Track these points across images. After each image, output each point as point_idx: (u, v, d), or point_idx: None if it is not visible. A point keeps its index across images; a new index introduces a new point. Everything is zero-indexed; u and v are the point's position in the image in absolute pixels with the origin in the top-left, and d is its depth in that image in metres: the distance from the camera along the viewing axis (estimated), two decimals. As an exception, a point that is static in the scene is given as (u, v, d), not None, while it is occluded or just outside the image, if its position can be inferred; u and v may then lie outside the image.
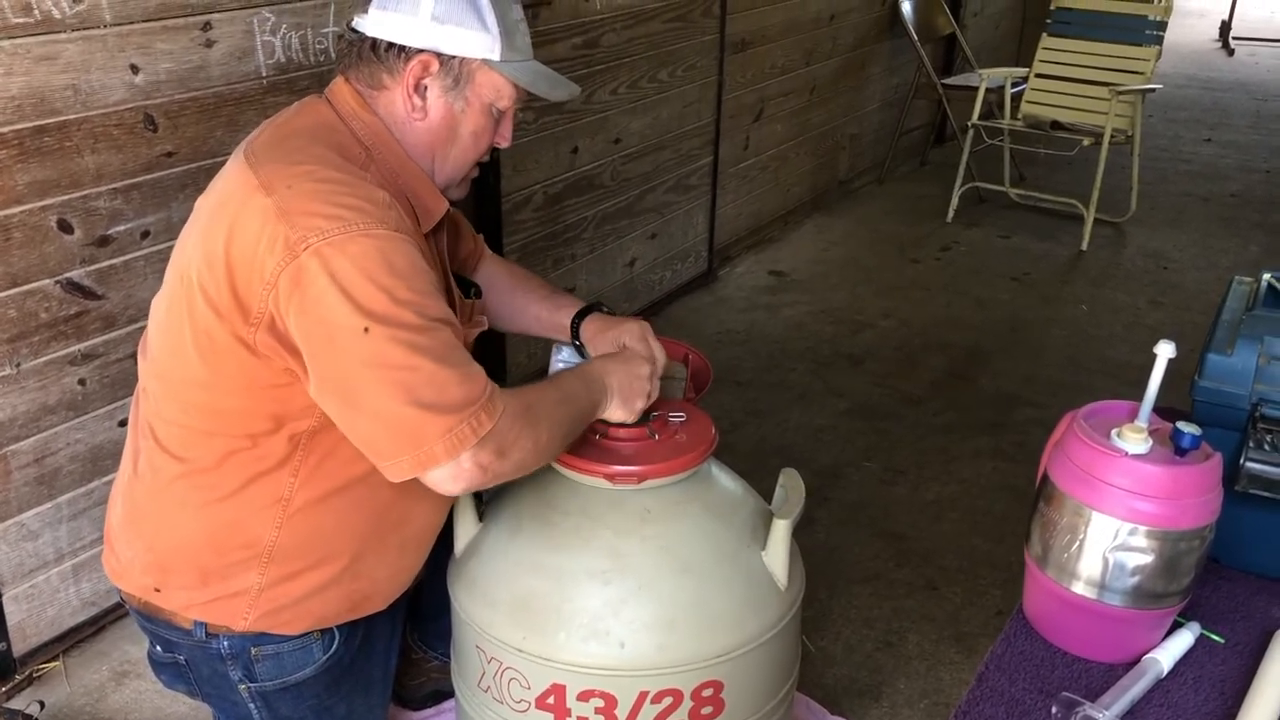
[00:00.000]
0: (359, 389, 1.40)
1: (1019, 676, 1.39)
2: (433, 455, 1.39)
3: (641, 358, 1.68)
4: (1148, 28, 5.17)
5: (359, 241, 1.38)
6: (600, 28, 3.49)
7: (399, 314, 1.37)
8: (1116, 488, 1.32)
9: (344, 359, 1.39)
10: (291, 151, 1.49)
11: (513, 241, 3.34)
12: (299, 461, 1.53)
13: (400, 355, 1.37)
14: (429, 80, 1.55)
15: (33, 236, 2.09)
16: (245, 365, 1.46)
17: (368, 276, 1.37)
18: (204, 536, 1.57)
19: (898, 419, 3.45)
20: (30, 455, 2.19)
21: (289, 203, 1.40)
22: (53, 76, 2.04)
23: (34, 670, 2.31)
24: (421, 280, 1.42)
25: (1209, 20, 10.91)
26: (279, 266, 1.38)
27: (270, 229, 1.39)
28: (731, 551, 1.61)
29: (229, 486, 1.54)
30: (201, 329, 1.47)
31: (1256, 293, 1.67)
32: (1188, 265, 4.81)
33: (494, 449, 1.42)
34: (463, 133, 1.60)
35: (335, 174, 1.45)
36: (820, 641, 2.45)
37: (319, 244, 1.37)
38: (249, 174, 1.46)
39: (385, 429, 1.40)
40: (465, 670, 1.70)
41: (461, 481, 1.42)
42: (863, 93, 5.54)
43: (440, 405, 1.38)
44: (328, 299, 1.37)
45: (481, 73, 1.56)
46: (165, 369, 1.55)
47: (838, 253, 4.90)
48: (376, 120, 1.57)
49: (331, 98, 1.60)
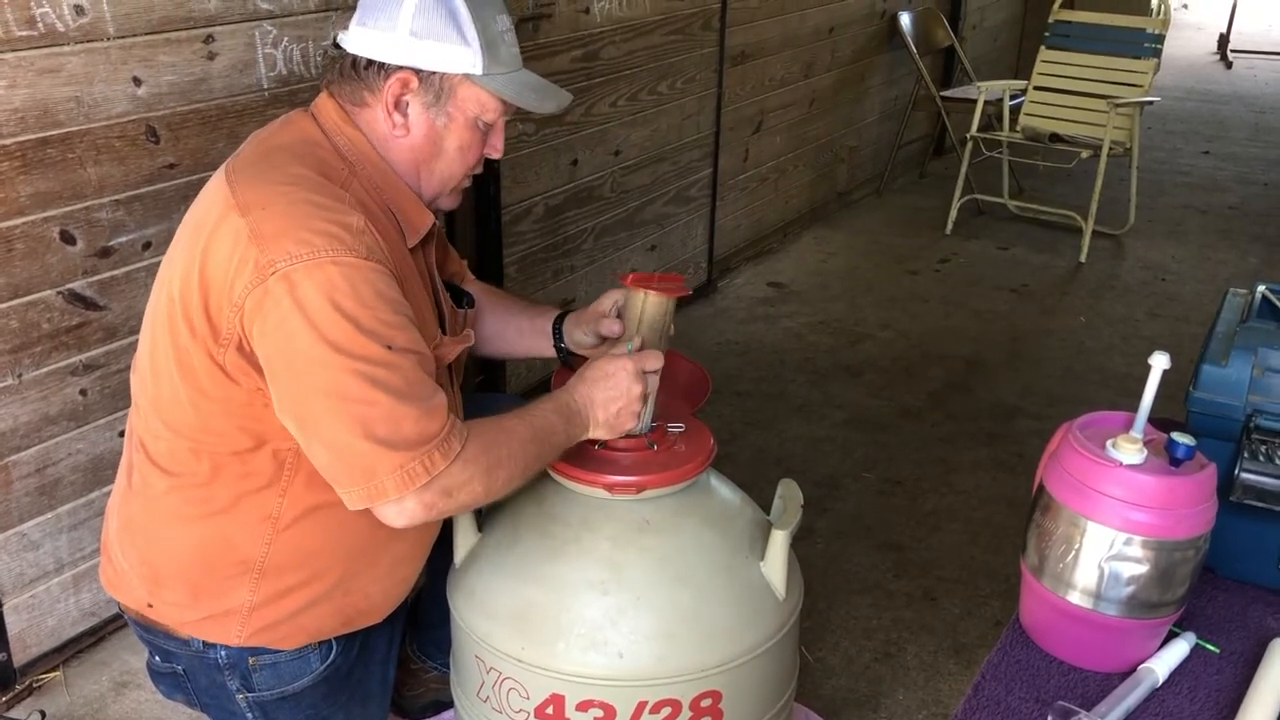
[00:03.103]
0: (316, 417, 1.39)
1: (1015, 686, 1.40)
2: (383, 490, 1.38)
3: (628, 371, 1.58)
4: (1145, 41, 5.19)
5: (327, 269, 1.36)
6: (600, 40, 3.51)
7: (362, 345, 1.36)
8: (1111, 498, 1.33)
9: (303, 386, 1.39)
10: (271, 170, 1.48)
11: (513, 253, 3.35)
12: (286, 480, 1.53)
13: (358, 388, 1.36)
14: (409, 97, 1.53)
15: (35, 247, 2.10)
16: (220, 384, 1.46)
17: (333, 305, 1.36)
18: (195, 552, 1.57)
19: (896, 430, 3.46)
20: (31, 465, 2.20)
21: (261, 225, 1.39)
22: (56, 89, 2.06)
23: (34, 680, 2.31)
24: (388, 310, 1.40)
25: (1207, 33, 10.94)
26: (247, 289, 1.38)
27: (242, 250, 1.39)
28: (730, 562, 1.62)
29: (219, 503, 1.54)
30: (181, 346, 1.47)
31: (1251, 305, 1.68)
32: (1186, 277, 4.82)
33: (441, 489, 1.41)
34: (447, 148, 1.58)
35: (312, 196, 1.43)
36: (819, 652, 2.45)
37: (286, 269, 1.36)
38: (228, 192, 1.45)
39: (339, 459, 1.40)
40: (464, 680, 1.70)
41: (404, 518, 1.42)
42: (862, 105, 5.56)
43: (394, 441, 1.37)
44: (290, 325, 1.36)
45: (464, 87, 1.53)
46: (151, 385, 1.55)
47: (837, 264, 4.91)
48: (360, 135, 1.55)
49: (316, 112, 1.58)
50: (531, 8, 3.17)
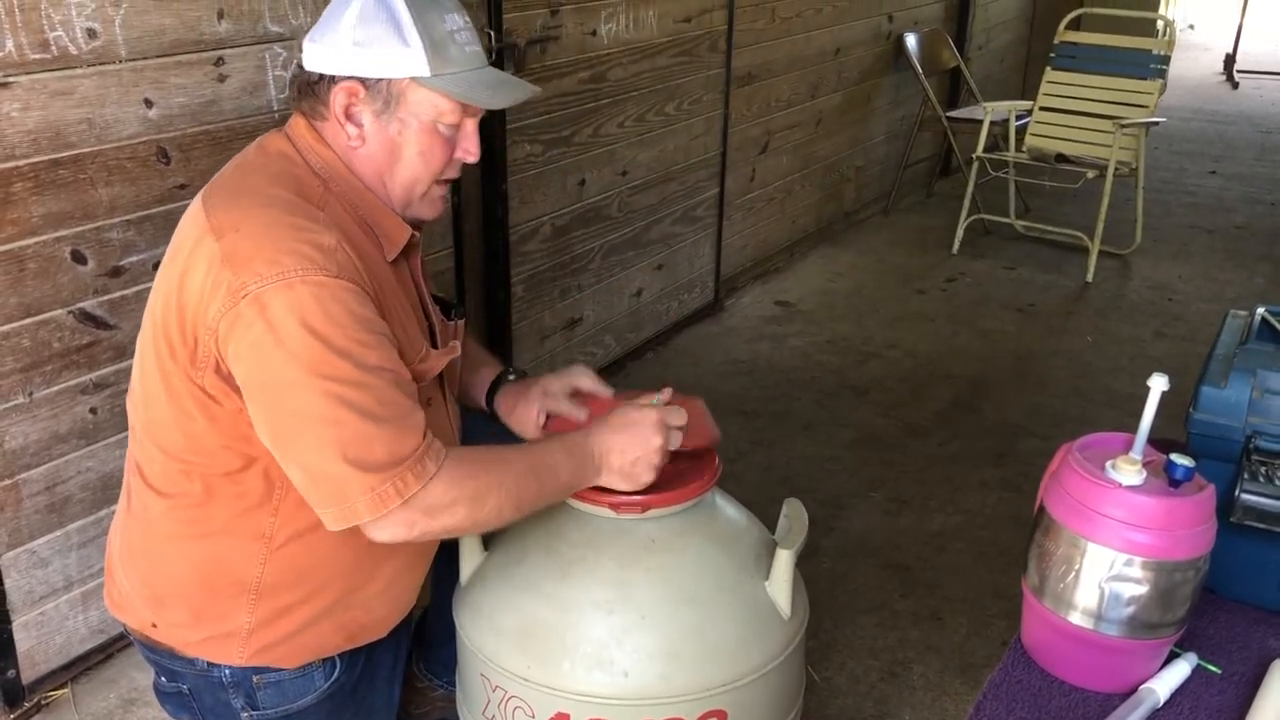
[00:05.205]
0: (289, 438, 1.40)
1: (1016, 706, 1.40)
2: (355, 512, 1.39)
3: (651, 423, 1.56)
4: (1151, 61, 5.21)
5: (297, 289, 1.36)
6: (607, 62, 3.53)
7: (332, 365, 1.36)
8: (1111, 519, 1.33)
9: (276, 407, 1.39)
10: (245, 193, 1.49)
11: (520, 273, 3.37)
12: (279, 499, 1.53)
13: (329, 409, 1.36)
14: (359, 107, 1.52)
15: (47, 267, 2.12)
16: (204, 406, 1.47)
17: (303, 325, 1.36)
18: (194, 574, 1.58)
19: (903, 449, 3.47)
20: (41, 483, 2.22)
21: (234, 247, 1.40)
22: (68, 111, 2.08)
23: (42, 697, 2.32)
24: (360, 329, 1.39)
25: (1213, 54, 10.96)
26: (220, 312, 1.39)
27: (215, 274, 1.40)
28: (735, 581, 1.63)
29: (214, 523, 1.55)
30: (166, 370, 1.48)
31: (1250, 327, 1.69)
32: (1192, 297, 4.83)
33: (421, 509, 1.41)
34: (407, 154, 1.55)
35: (285, 217, 1.43)
36: (825, 672, 2.46)
37: (257, 290, 1.37)
38: (203, 216, 1.46)
39: (312, 481, 1.41)
40: (470, 699, 1.71)
41: (386, 534, 1.42)
42: (868, 125, 5.59)
43: (365, 463, 1.37)
44: (263, 346, 1.37)
45: (412, 91, 1.51)
46: (144, 409, 1.56)
47: (844, 284, 4.92)
48: (330, 152, 1.55)
49: (290, 132, 1.58)
50: (539, 30, 3.20)
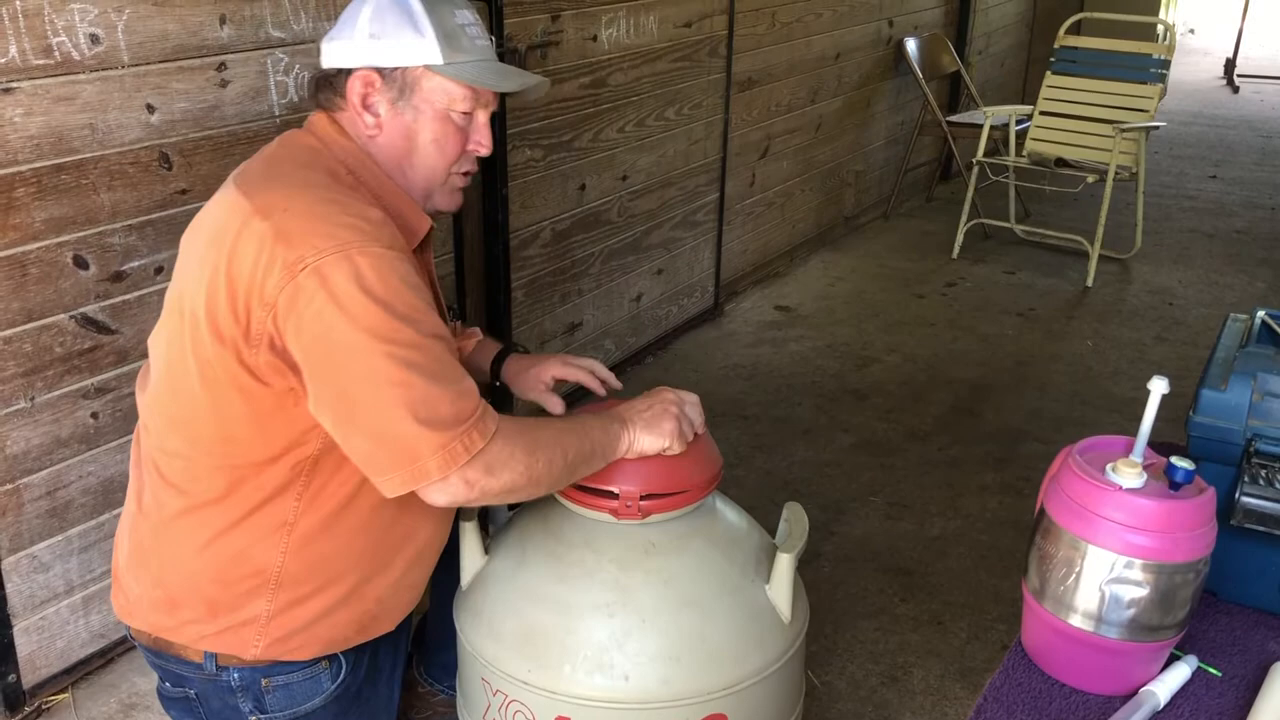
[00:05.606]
0: (355, 405, 1.42)
1: (1017, 709, 1.40)
2: (426, 471, 1.41)
3: (665, 389, 1.69)
4: (1151, 66, 5.22)
5: (355, 259, 1.40)
6: (608, 67, 3.54)
7: (395, 329, 1.40)
8: (1111, 521, 1.33)
9: (340, 375, 1.42)
10: (280, 178, 1.53)
11: (520, 277, 3.38)
12: (302, 486, 1.55)
13: (395, 371, 1.40)
14: (375, 96, 1.58)
15: (49, 272, 2.13)
16: (248, 392, 1.48)
17: (364, 292, 1.39)
18: (211, 569, 1.58)
19: (903, 454, 3.47)
20: (43, 488, 2.22)
21: (286, 225, 1.43)
22: (71, 116, 2.09)
23: (43, 702, 2.32)
24: (415, 296, 1.44)
25: (1214, 58, 10.98)
26: (278, 287, 1.41)
27: (268, 252, 1.42)
28: (735, 585, 1.63)
29: (234, 516, 1.56)
30: (205, 359, 1.49)
31: (1250, 330, 1.69)
32: (1193, 301, 4.83)
33: (483, 466, 1.44)
34: (421, 142, 1.61)
35: (329, 194, 1.49)
36: (825, 676, 2.46)
37: (316, 262, 1.40)
38: (243, 201, 1.48)
39: (380, 445, 1.43)
40: (471, 703, 1.71)
41: (447, 495, 1.45)
42: (868, 130, 5.59)
43: (434, 421, 1.40)
44: (325, 316, 1.40)
45: (425, 79, 1.57)
46: (169, 403, 1.57)
47: (843, 288, 4.93)
48: (352, 143, 1.60)
49: (311, 128, 1.63)
50: (540, 35, 3.21)
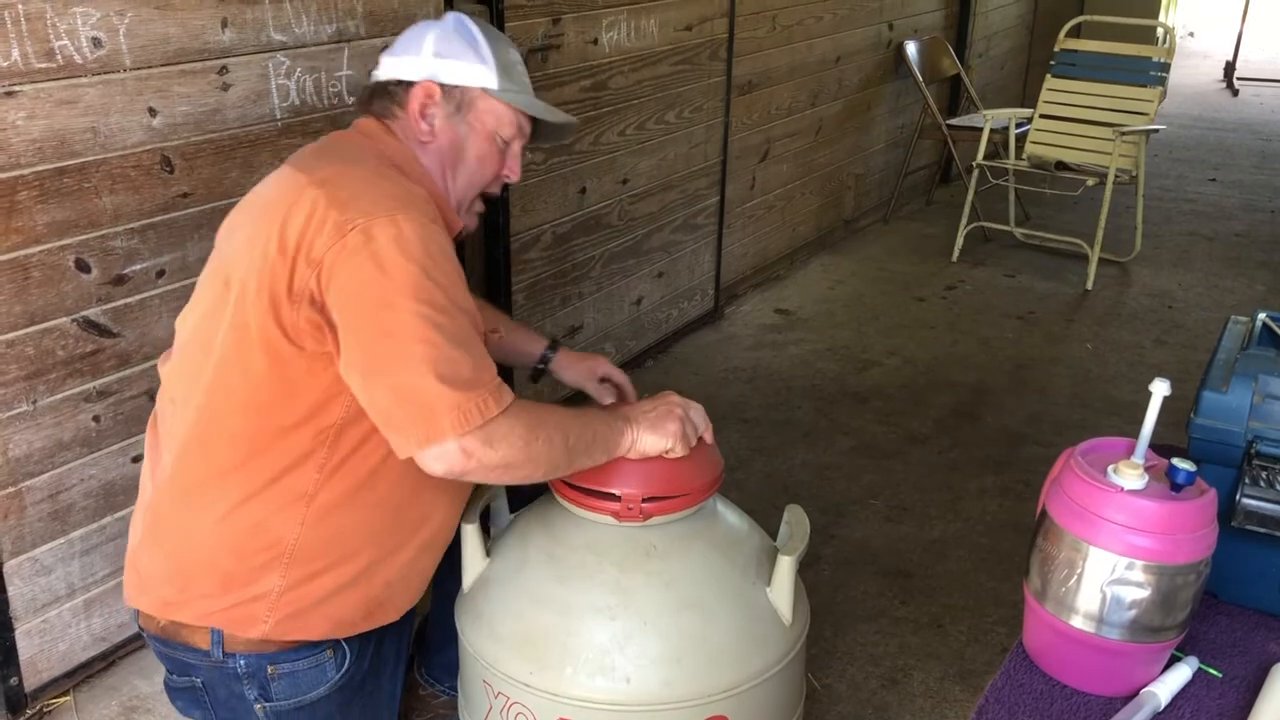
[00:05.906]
0: (381, 358, 1.47)
1: (1019, 710, 1.41)
2: (440, 430, 1.44)
3: (669, 393, 1.72)
4: (1151, 69, 5.22)
5: (401, 224, 1.48)
6: (608, 71, 3.55)
7: (428, 292, 1.46)
8: (1113, 523, 1.34)
9: (371, 328, 1.47)
10: (338, 159, 1.64)
11: (521, 280, 3.38)
12: (324, 457, 1.57)
13: (423, 329, 1.45)
14: (433, 108, 1.70)
15: (51, 275, 2.13)
16: (280, 354, 1.52)
17: (403, 254, 1.46)
18: (227, 541, 1.59)
19: (903, 457, 3.47)
20: (45, 491, 2.22)
21: (337, 190, 1.52)
22: (73, 119, 2.09)
23: (45, 705, 2.32)
24: (452, 268, 1.52)
25: (1213, 62, 10.99)
26: (326, 245, 1.48)
27: (320, 213, 1.50)
28: (736, 588, 1.63)
29: (254, 485, 1.57)
30: (240, 324, 1.53)
31: (1252, 332, 1.70)
32: (1192, 304, 4.83)
33: (483, 437, 1.47)
34: (468, 156, 1.73)
35: (380, 172, 1.60)
36: (825, 679, 2.46)
37: (365, 224, 1.47)
38: (299, 175, 1.57)
39: (400, 399, 1.46)
40: (472, 705, 1.71)
41: (443, 463, 1.47)
42: (868, 133, 5.60)
43: (454, 380, 1.45)
44: (365, 271, 1.46)
45: (482, 100, 1.71)
46: (195, 376, 1.59)
47: (844, 291, 4.93)
48: (403, 145, 1.71)
49: (358, 129, 1.74)
50: (541, 39, 3.21)
